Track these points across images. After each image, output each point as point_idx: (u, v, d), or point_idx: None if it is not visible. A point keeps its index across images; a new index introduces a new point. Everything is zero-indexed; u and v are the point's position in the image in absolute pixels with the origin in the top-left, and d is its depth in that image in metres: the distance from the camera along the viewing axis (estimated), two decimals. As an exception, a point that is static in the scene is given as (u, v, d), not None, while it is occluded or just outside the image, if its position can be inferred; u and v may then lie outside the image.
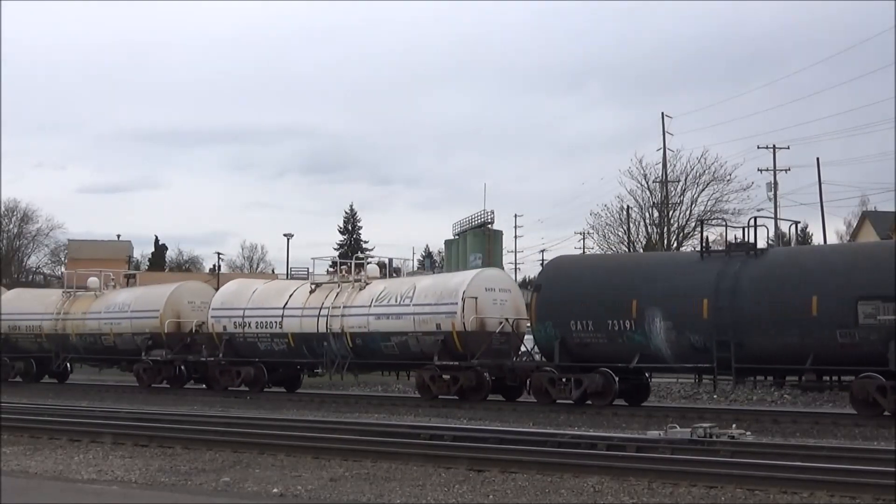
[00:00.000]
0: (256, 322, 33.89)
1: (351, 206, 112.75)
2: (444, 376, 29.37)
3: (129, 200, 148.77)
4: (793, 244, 49.34)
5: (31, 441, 18.14)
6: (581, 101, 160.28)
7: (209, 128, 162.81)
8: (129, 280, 45.01)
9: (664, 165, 66.43)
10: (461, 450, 15.17)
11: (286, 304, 33.40)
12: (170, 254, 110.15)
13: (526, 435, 17.39)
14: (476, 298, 29.38)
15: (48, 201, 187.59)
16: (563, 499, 12.00)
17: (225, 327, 34.68)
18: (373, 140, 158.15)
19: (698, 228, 66.40)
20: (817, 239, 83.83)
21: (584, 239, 76.99)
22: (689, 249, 66.72)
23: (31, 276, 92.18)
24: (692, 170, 65.85)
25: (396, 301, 30.64)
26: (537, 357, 28.97)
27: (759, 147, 67.99)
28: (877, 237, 76.28)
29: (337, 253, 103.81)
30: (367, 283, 32.33)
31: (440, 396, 29.34)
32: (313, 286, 33.49)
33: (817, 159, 66.76)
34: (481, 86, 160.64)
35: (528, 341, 30.94)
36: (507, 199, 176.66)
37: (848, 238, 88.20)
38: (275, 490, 12.76)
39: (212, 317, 35.25)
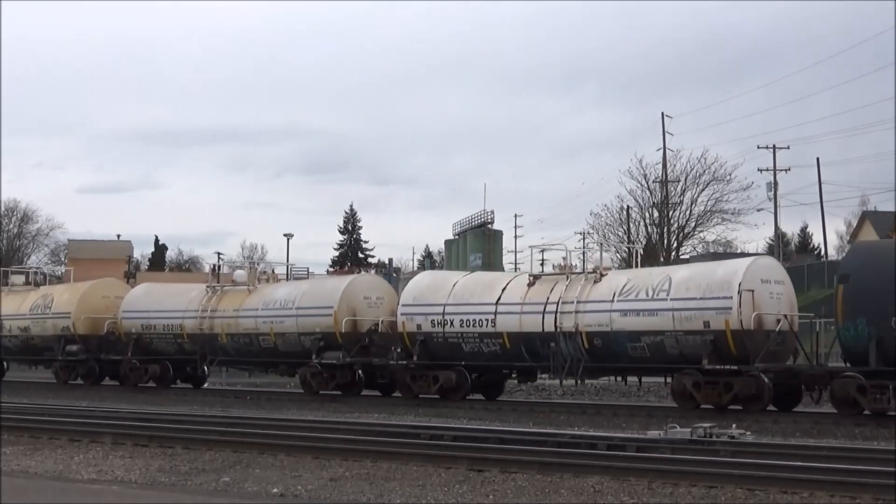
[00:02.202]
0: (461, 320, 29.27)
1: (351, 206, 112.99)
2: (711, 382, 25.01)
3: (129, 200, 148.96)
4: (793, 245, 49.32)
5: (31, 441, 18.13)
6: (578, 100, 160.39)
7: (208, 128, 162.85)
8: (129, 280, 44.51)
9: (664, 165, 66.53)
10: (461, 450, 15.17)
11: (499, 298, 28.85)
12: (170, 254, 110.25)
13: (526, 435, 17.39)
14: (752, 291, 25.07)
15: (48, 201, 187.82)
16: (563, 499, 12.00)
17: (419, 326, 30.05)
18: (372, 140, 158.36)
19: (698, 228, 66.78)
20: (817, 239, 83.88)
21: (584, 239, 76.92)
22: (689, 249, 66.93)
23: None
24: (692, 170, 65.97)
25: (648, 295, 26.14)
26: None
27: (758, 147, 68.09)
28: (877, 237, 76.35)
29: (337, 253, 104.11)
30: (604, 275, 27.95)
31: (702, 406, 25.31)
32: (531, 278, 29.06)
33: (817, 159, 67.02)
34: (479, 85, 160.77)
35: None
36: (507, 199, 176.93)
37: (848, 238, 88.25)
38: (275, 490, 12.76)
39: (402, 314, 30.56)
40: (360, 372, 31.77)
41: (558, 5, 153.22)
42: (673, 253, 64.63)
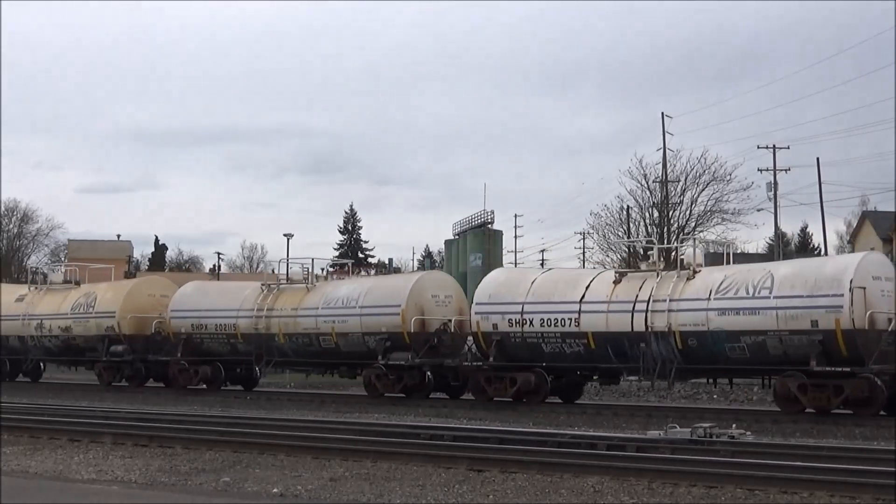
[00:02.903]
0: (541, 319, 27.80)
1: (351, 206, 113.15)
2: (819, 385, 23.80)
3: (129, 200, 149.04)
4: (793, 245, 49.35)
5: (31, 441, 18.14)
6: (578, 100, 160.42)
7: (208, 128, 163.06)
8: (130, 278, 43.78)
9: (664, 165, 66.43)
10: (461, 450, 15.18)
11: (583, 296, 27.43)
12: (170, 254, 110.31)
13: (526, 435, 17.39)
14: (864, 289, 23.77)
15: (48, 201, 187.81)
16: (563, 499, 12.00)
17: (495, 325, 28.61)
18: (372, 140, 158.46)
19: (698, 228, 66.77)
20: (817, 239, 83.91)
21: (584, 239, 77.02)
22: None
23: (31, 277, 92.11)
24: (692, 170, 65.90)
25: (748, 292, 24.82)
26: None
27: (758, 147, 68.01)
28: (877, 237, 76.38)
29: (337, 253, 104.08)
30: (697, 271, 26.62)
31: (808, 410, 24.17)
32: (617, 275, 27.85)
33: (817, 159, 66.80)
34: (479, 85, 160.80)
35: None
36: (507, 199, 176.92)
37: (848, 238, 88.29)
38: (275, 490, 12.76)
39: (477, 313, 29.05)
40: (429, 373, 30.51)
41: (558, 5, 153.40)
42: (672, 253, 64.57)
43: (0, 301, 41.59)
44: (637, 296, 26.59)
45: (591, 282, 27.91)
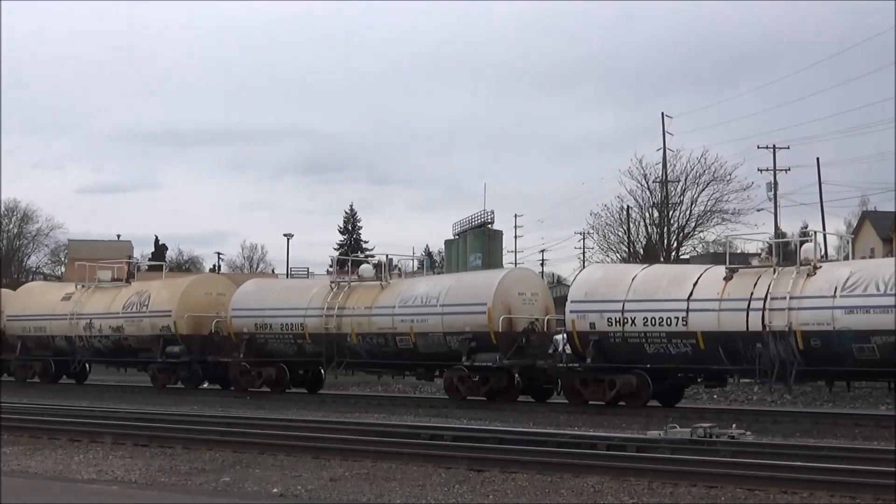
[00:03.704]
0: (644, 318, 26.33)
1: (351, 205, 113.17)
2: None
3: (129, 200, 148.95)
4: (793, 245, 49.25)
5: (31, 441, 18.14)
6: (578, 100, 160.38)
7: (208, 128, 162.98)
8: (129, 280, 42.14)
9: (664, 165, 66.49)
10: (461, 450, 15.18)
11: (691, 294, 25.96)
12: (170, 254, 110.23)
13: (526, 435, 17.40)
14: None
15: (48, 201, 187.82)
16: (563, 499, 12.01)
17: (593, 325, 27.06)
18: (371, 140, 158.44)
19: (698, 228, 66.84)
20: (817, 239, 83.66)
21: (584, 239, 77.06)
22: (689, 249, 67.00)
23: (31, 277, 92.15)
24: (692, 170, 65.94)
25: (879, 289, 23.21)
26: None
27: (758, 147, 68.07)
28: (877, 237, 76.41)
29: (337, 253, 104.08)
30: (819, 267, 24.99)
31: None
32: (728, 271, 26.10)
33: (817, 159, 66.84)
34: (479, 85, 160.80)
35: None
36: (507, 199, 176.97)
37: (849, 238, 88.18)
38: (275, 490, 12.76)
39: (572, 311, 27.46)
40: (517, 376, 28.89)
41: (558, 5, 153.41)
42: (673, 253, 64.62)
43: (48, 300, 40.22)
44: (752, 293, 25.06)
45: (699, 278, 26.43)
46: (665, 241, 65.88)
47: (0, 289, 45.31)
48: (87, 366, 41.40)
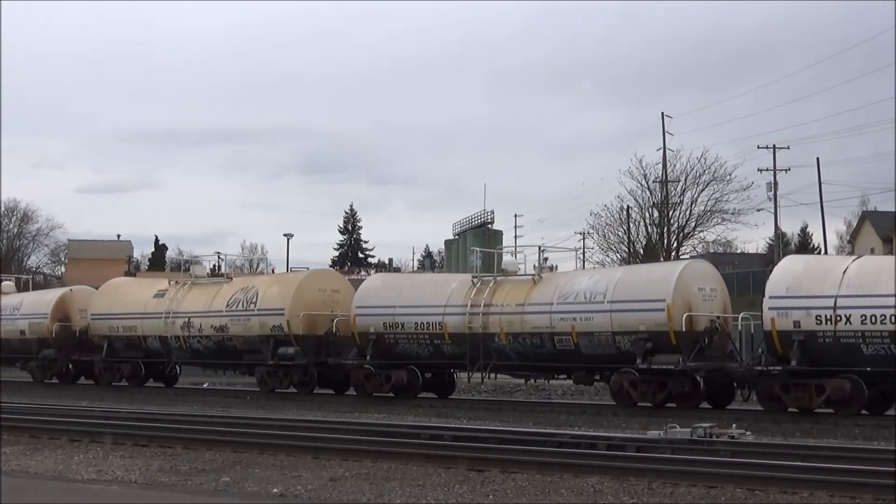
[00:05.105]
0: (861, 315, 23.42)
1: (351, 206, 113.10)
2: None
3: (129, 200, 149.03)
4: (793, 245, 49.31)
5: (31, 441, 18.13)
6: (578, 100, 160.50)
7: (207, 128, 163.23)
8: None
9: (664, 165, 66.56)
10: (461, 450, 15.17)
11: None
12: (170, 254, 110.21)
13: (526, 435, 17.39)
14: None
15: (48, 201, 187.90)
16: (563, 499, 12.00)
17: (798, 323, 24.28)
18: (371, 140, 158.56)
19: (698, 228, 66.88)
20: (817, 239, 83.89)
21: (584, 239, 77.03)
22: (689, 249, 67.06)
23: (30, 277, 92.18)
24: (692, 170, 66.01)
25: None
26: None
27: (758, 147, 68.15)
28: (877, 237, 76.45)
29: (337, 253, 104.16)
30: None
31: None
32: None
33: (817, 159, 67.04)
34: (479, 85, 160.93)
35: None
36: (507, 199, 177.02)
37: (848, 238, 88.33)
38: (275, 490, 12.76)
39: (771, 308, 24.67)
40: (700, 379, 25.97)
41: (558, 5, 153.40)
42: (673, 253, 64.66)
43: (138, 297, 37.36)
44: None
45: None
46: (665, 241, 65.93)
47: (82, 286, 42.54)
48: (177, 368, 38.24)
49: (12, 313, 41.18)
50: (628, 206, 67.12)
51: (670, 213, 66.29)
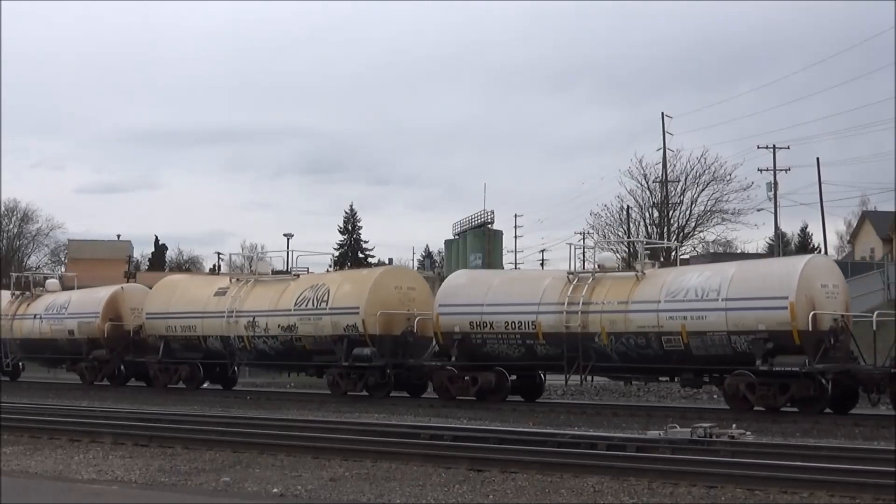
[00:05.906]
0: None
1: (351, 206, 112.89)
2: None
3: (129, 200, 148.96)
4: (793, 245, 49.32)
5: (31, 441, 18.15)
6: (577, 100, 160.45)
7: (207, 128, 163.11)
8: (129, 280, 40.76)
9: (664, 165, 66.58)
10: (461, 450, 15.18)
11: None
12: (170, 254, 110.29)
13: (526, 435, 17.39)
14: None
15: (48, 201, 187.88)
16: (563, 499, 12.01)
17: None
18: (371, 140, 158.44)
19: (698, 228, 66.91)
20: (817, 239, 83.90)
21: (584, 239, 77.03)
22: (689, 249, 67.08)
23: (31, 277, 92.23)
24: (692, 170, 66.04)
25: None
26: None
27: (758, 147, 68.18)
28: (877, 237, 76.45)
29: (337, 253, 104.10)
30: None
31: None
32: None
33: (817, 159, 67.07)
34: (479, 85, 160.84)
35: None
36: (507, 199, 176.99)
37: (848, 238, 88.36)
38: (275, 490, 12.76)
39: None
40: (827, 382, 24.01)
41: (557, 5, 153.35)
42: (673, 253, 64.66)
43: (197, 295, 35.72)
44: None
45: None
46: (665, 242, 65.85)
47: (136, 284, 41.37)
48: (236, 369, 36.86)
49: (60, 312, 39.52)
50: (628, 206, 67.19)
51: (670, 213, 66.31)
